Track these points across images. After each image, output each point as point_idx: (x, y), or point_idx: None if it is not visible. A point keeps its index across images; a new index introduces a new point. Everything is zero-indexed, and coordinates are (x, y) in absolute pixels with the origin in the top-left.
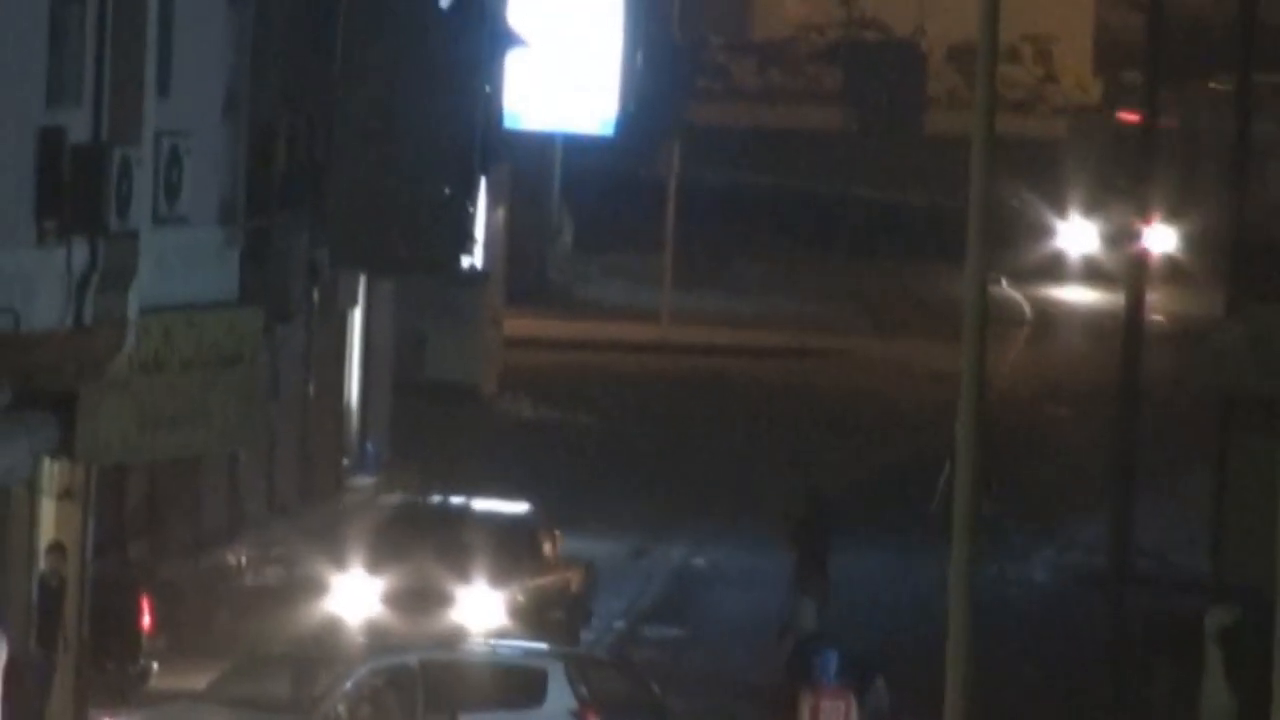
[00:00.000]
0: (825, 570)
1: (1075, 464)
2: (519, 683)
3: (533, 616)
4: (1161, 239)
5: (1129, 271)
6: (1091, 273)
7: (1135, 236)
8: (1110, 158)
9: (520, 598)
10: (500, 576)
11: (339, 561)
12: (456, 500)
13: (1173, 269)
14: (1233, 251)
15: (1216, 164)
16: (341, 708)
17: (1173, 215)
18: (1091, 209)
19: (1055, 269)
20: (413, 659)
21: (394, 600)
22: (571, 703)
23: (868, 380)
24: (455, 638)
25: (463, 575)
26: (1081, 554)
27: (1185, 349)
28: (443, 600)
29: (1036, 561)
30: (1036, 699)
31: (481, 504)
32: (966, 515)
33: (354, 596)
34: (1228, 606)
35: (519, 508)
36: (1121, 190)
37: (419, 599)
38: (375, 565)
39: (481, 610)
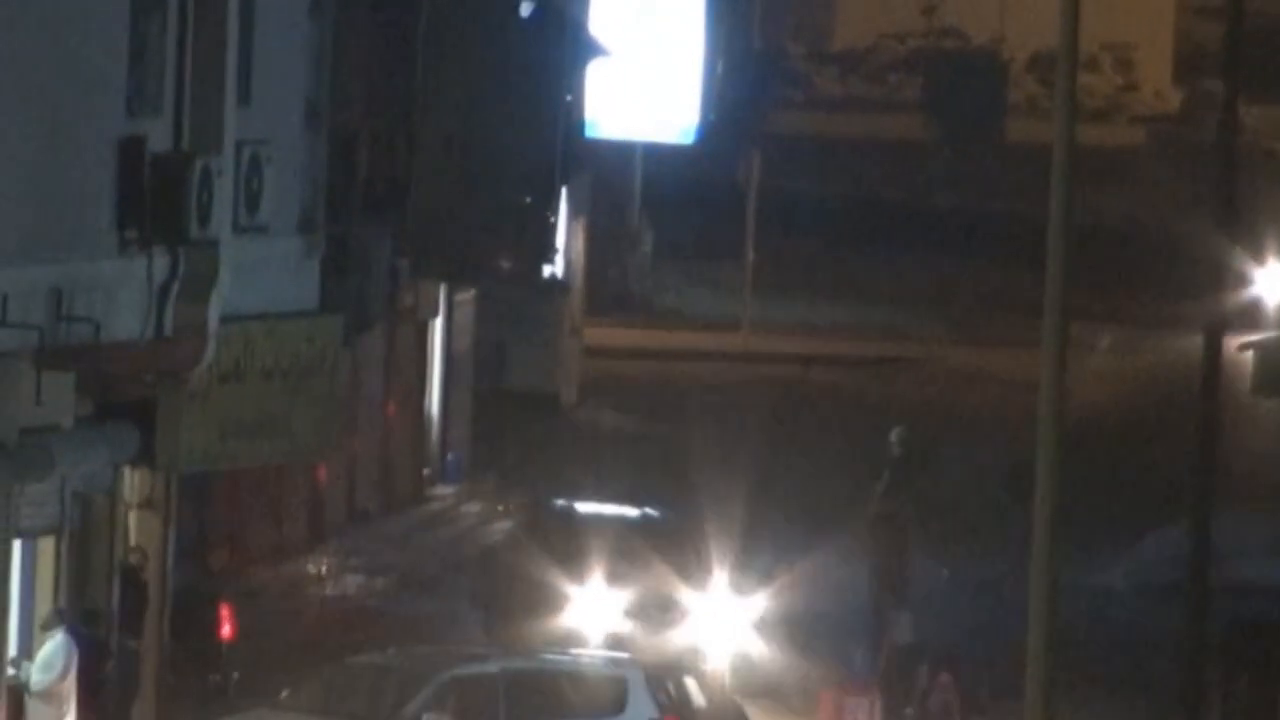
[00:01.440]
0: (906, 573)
1: (1154, 473)
2: (599, 691)
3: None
4: None
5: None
6: None
7: None
8: None
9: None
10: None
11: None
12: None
13: None
14: None
15: None
16: (422, 716)
17: None
18: None
19: (1250, 318)
20: (493, 667)
21: (634, 613)
22: (652, 711)
23: (948, 388)
24: (535, 646)
25: (699, 585)
26: (1160, 562)
27: None
28: (681, 612)
29: (1115, 570)
30: (1114, 707)
31: (645, 512)
32: (1047, 520)
33: (592, 609)
34: None
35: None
36: None
37: (658, 611)
38: (611, 578)
39: (723, 621)
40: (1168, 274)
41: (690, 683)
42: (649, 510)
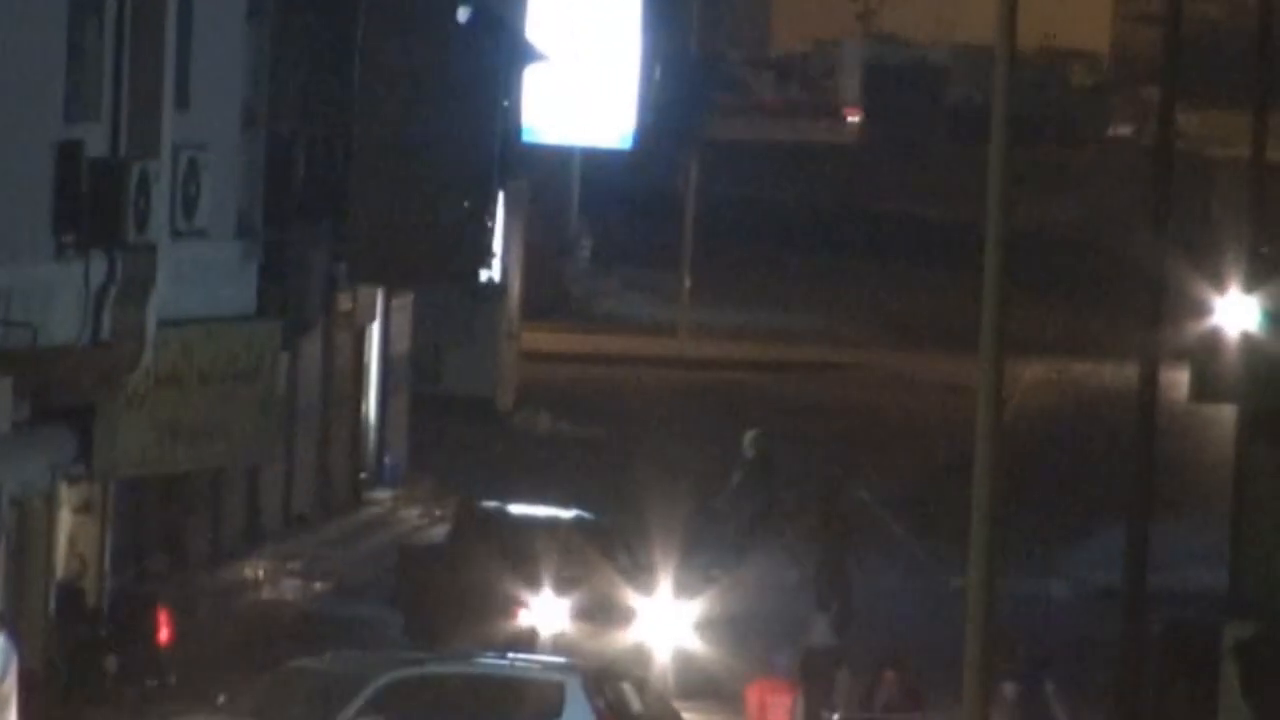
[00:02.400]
0: (846, 576)
1: (1091, 479)
2: (537, 696)
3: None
4: None
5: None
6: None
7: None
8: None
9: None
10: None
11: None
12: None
13: None
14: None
15: None
16: None
17: None
18: (1252, 283)
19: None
20: (430, 672)
21: (568, 615)
22: (589, 717)
23: (885, 394)
24: (472, 650)
25: (634, 587)
26: (1098, 569)
27: None
28: (616, 614)
29: (1053, 577)
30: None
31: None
32: (985, 525)
33: (524, 612)
34: (1245, 621)
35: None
36: (1270, 259)
37: (591, 614)
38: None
39: (660, 623)
40: (1107, 280)
41: (627, 688)
42: (581, 513)
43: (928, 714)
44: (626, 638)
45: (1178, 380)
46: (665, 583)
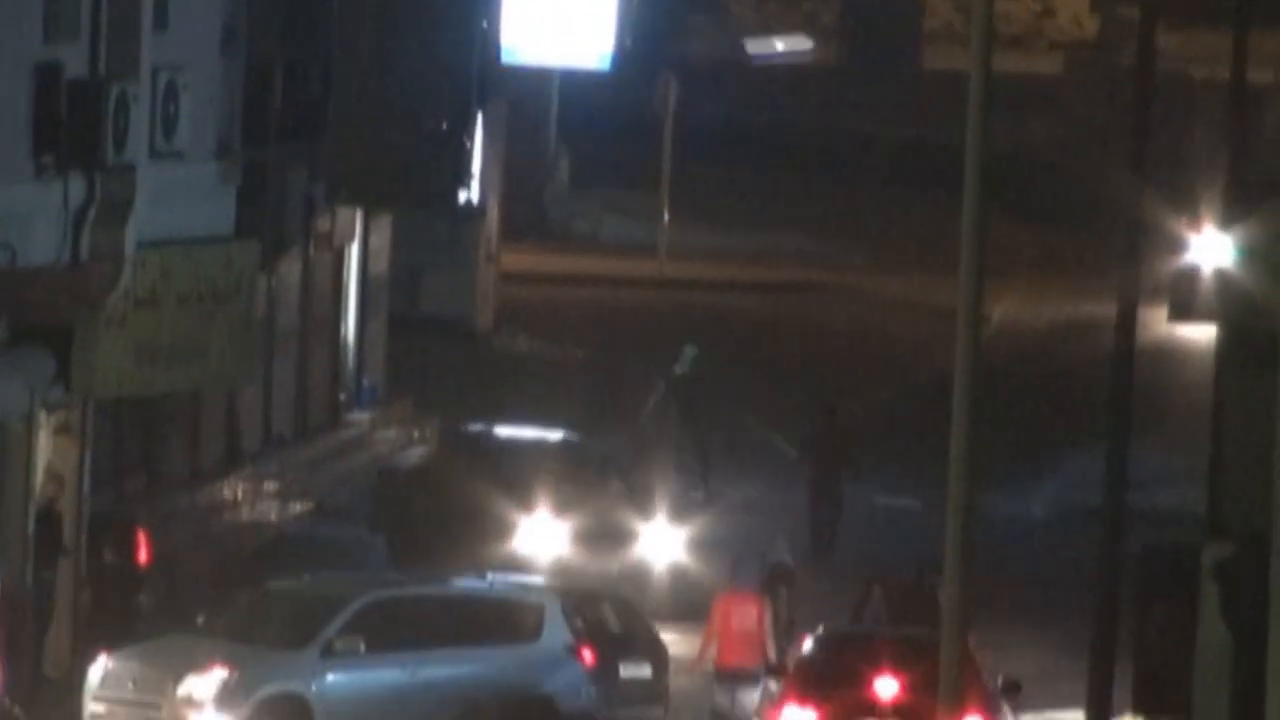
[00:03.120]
0: (839, 491)
1: (1069, 400)
2: (515, 618)
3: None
4: None
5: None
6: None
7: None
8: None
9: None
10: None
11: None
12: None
13: None
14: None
15: None
16: (337, 641)
17: None
18: (1229, 219)
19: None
20: (410, 593)
21: (570, 538)
22: (567, 637)
23: (867, 315)
24: (452, 572)
25: (620, 509)
26: (1076, 489)
27: None
28: (601, 536)
29: (1031, 497)
30: (1029, 634)
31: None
32: (963, 447)
33: (541, 536)
34: (1224, 541)
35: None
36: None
37: (594, 537)
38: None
39: (656, 545)
40: (1088, 205)
41: (606, 609)
42: (568, 434)
43: (907, 629)
44: (616, 559)
45: (1154, 315)
46: (655, 504)
